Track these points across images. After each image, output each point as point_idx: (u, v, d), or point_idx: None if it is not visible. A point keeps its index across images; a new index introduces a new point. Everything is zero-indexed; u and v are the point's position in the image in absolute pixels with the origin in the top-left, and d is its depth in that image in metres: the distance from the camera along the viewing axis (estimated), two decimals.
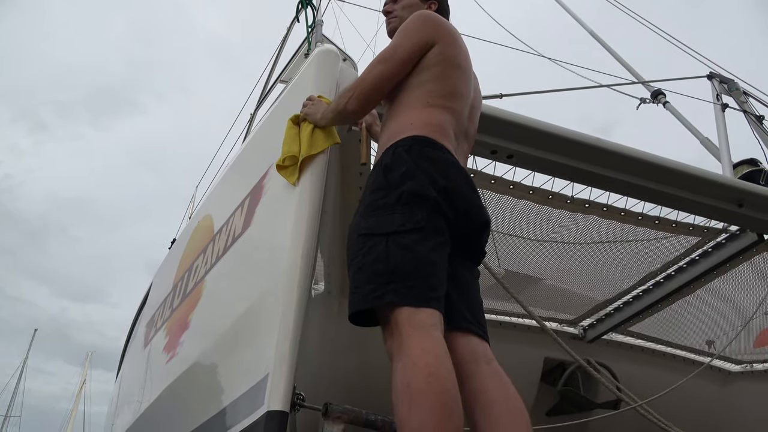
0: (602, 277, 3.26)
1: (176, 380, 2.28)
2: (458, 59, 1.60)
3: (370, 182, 1.43)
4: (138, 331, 3.60)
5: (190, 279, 2.51)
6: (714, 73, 3.13)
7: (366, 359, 3.12)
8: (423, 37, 1.57)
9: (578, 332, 3.75)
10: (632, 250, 2.95)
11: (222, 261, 2.16)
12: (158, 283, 3.33)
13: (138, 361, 3.30)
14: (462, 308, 1.35)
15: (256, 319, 1.72)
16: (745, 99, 3.05)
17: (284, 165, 1.74)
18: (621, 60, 3.66)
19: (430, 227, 1.29)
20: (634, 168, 2.35)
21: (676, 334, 3.85)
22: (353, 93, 1.59)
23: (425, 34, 1.57)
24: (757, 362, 4.12)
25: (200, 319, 2.24)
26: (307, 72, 1.99)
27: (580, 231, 2.83)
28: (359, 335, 3.27)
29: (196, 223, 2.76)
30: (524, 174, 2.47)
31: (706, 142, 3.02)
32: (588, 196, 2.59)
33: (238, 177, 2.41)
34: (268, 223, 1.87)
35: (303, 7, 2.73)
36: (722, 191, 2.41)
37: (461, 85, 1.58)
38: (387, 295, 1.20)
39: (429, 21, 1.62)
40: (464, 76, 1.61)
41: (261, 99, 3.00)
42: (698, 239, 2.85)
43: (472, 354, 1.30)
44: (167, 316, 2.72)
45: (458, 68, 1.59)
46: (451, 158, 1.43)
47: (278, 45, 3.06)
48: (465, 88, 1.60)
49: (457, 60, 1.59)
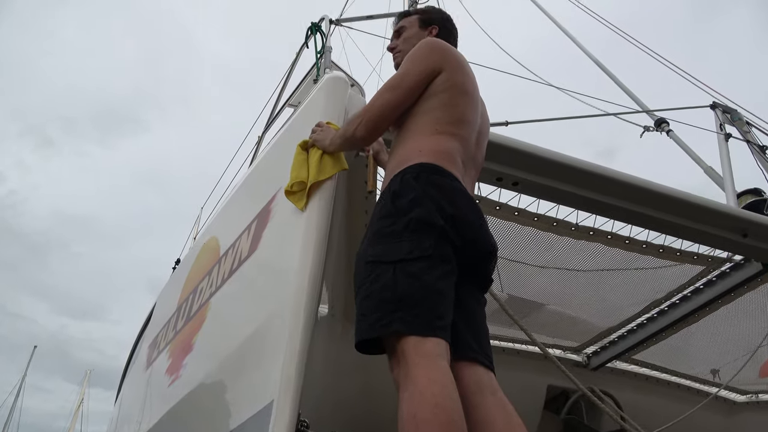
0: (606, 305, 3.25)
1: (178, 404, 2.27)
2: (465, 86, 1.61)
3: (378, 209, 1.44)
4: (140, 352, 3.58)
5: (194, 301, 2.51)
6: (717, 103, 3.16)
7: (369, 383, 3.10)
8: (430, 64, 1.59)
9: (582, 360, 3.73)
10: (636, 278, 2.95)
11: (228, 284, 2.16)
12: (162, 304, 3.33)
13: (139, 382, 3.28)
14: (468, 337, 1.35)
15: (262, 343, 1.71)
16: (748, 129, 3.07)
17: (293, 190, 1.76)
18: (625, 88, 3.70)
19: (438, 255, 1.29)
20: (638, 197, 2.36)
21: (681, 363, 3.82)
22: (361, 120, 1.61)
23: (432, 62, 1.60)
24: (763, 392, 4.08)
25: (204, 342, 2.24)
26: (317, 98, 2.02)
27: (584, 258, 2.83)
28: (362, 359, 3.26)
29: (202, 245, 2.77)
30: (529, 201, 2.48)
31: (709, 171, 3.04)
32: (592, 224, 2.59)
33: (244, 200, 2.42)
34: (275, 247, 1.87)
35: (312, 33, 2.78)
36: (727, 221, 2.42)
37: (469, 111, 1.60)
38: (394, 324, 1.20)
39: (436, 48, 1.64)
40: (472, 102, 1.62)
41: (269, 122, 3.04)
42: (703, 268, 2.84)
43: (478, 384, 1.29)
44: (171, 338, 2.71)
45: (465, 95, 1.60)
46: (458, 186, 1.43)
47: (287, 70, 3.12)
48: (472, 114, 1.62)
49: (464, 87, 1.61)
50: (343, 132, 1.70)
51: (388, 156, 1.63)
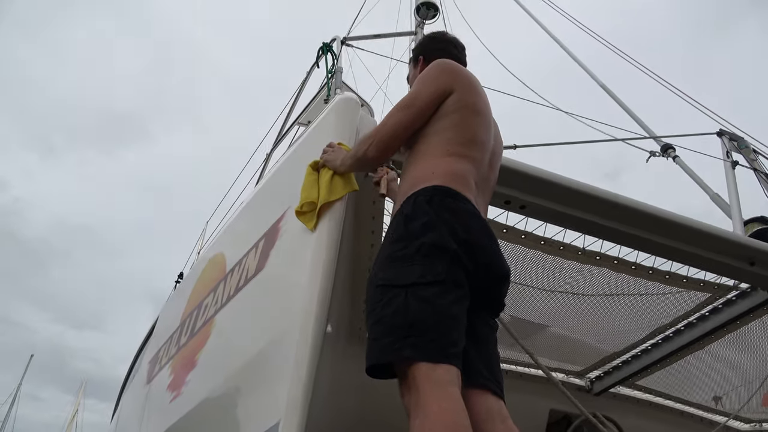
0: (611, 330, 3.24)
1: (179, 421, 2.26)
2: (477, 106, 1.61)
3: (390, 232, 1.43)
4: (141, 366, 3.57)
5: (199, 317, 2.51)
6: (724, 131, 3.18)
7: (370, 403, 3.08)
8: (441, 84, 1.60)
9: (585, 384, 3.70)
10: (642, 304, 2.93)
11: (234, 301, 2.16)
12: (165, 318, 3.32)
13: (139, 397, 3.26)
14: (479, 364, 1.34)
15: (268, 362, 1.71)
16: (754, 157, 3.08)
17: (303, 210, 1.76)
18: (632, 113, 3.72)
19: (451, 280, 1.28)
20: (645, 223, 2.36)
21: (685, 390, 3.79)
22: (373, 140, 1.61)
23: (443, 82, 1.60)
24: (767, 422, 4.05)
25: (208, 359, 2.23)
26: (327, 118, 2.03)
27: (590, 282, 2.82)
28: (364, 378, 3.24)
29: (207, 261, 2.77)
30: (536, 224, 2.48)
31: (716, 198, 3.04)
32: (599, 249, 2.59)
33: (252, 217, 2.43)
34: (283, 266, 1.87)
35: (323, 53, 2.81)
36: (734, 249, 2.42)
37: (481, 132, 1.59)
38: (405, 350, 1.19)
39: (447, 69, 1.65)
40: (484, 123, 1.62)
41: (277, 140, 3.06)
42: (709, 295, 2.83)
43: (489, 412, 1.28)
44: (173, 353, 2.70)
45: (478, 115, 1.60)
46: (471, 209, 1.43)
47: (297, 88, 3.14)
48: (485, 135, 1.61)
49: (476, 107, 1.60)
50: (355, 152, 1.70)
51: (400, 178, 1.62)
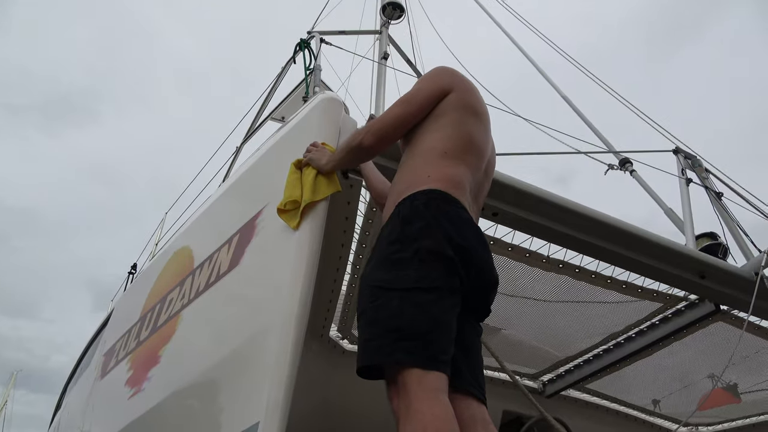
0: (566, 335, 3.35)
1: (141, 418, 2.20)
2: (476, 107, 1.63)
3: (386, 233, 1.42)
4: (92, 360, 3.44)
5: (162, 311, 2.44)
6: (680, 149, 3.34)
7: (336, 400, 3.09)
8: (439, 82, 1.63)
9: (538, 387, 3.82)
10: (598, 311, 3.05)
11: (203, 297, 2.11)
12: (122, 311, 3.22)
13: (90, 392, 3.14)
14: (464, 369, 1.36)
15: (243, 361, 1.68)
16: (706, 175, 3.25)
17: (285, 209, 1.75)
18: (593, 127, 3.85)
19: (446, 287, 1.29)
20: (607, 234, 2.46)
21: (629, 394, 3.97)
22: (370, 129, 1.62)
23: (442, 81, 1.64)
24: (702, 425, 4.29)
25: (173, 356, 2.18)
26: (310, 117, 2.01)
27: (551, 289, 2.91)
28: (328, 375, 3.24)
29: (172, 254, 2.70)
30: (505, 231, 2.55)
31: (670, 213, 3.19)
32: (563, 257, 2.68)
33: (225, 212, 2.38)
34: (261, 264, 1.85)
35: (301, 49, 2.79)
36: (687, 262, 2.55)
37: (478, 134, 1.60)
38: (396, 353, 1.20)
39: (447, 70, 1.70)
40: (481, 125, 1.63)
41: (248, 134, 3.01)
42: (660, 305, 2.98)
43: (472, 418, 1.31)
44: (132, 348, 2.63)
45: (475, 115, 1.61)
46: (466, 216, 1.44)
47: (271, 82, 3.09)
48: (482, 138, 1.62)
49: (474, 108, 1.62)
50: (348, 142, 1.69)
51: (395, 176, 1.61)
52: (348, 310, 2.99)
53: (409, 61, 5.67)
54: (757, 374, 3.53)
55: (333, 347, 3.15)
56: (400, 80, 7.54)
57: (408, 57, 5.75)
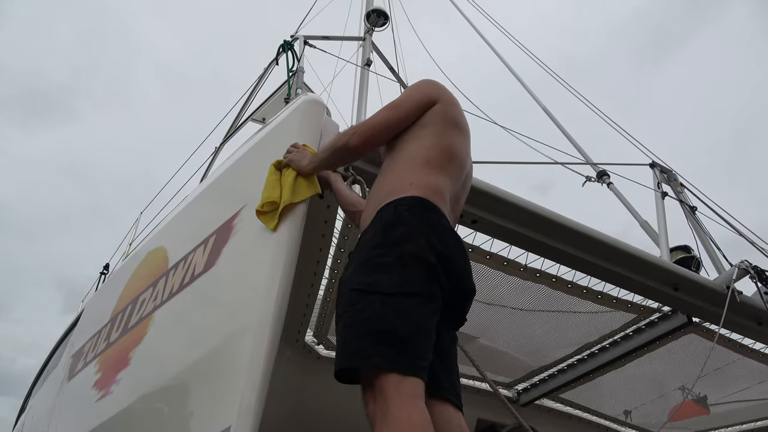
0: (541, 344, 3.36)
1: (109, 421, 2.14)
2: (458, 120, 1.65)
3: (368, 237, 1.41)
4: (60, 362, 3.35)
5: (133, 313, 2.39)
6: (656, 163, 3.39)
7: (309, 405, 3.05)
8: (427, 92, 1.65)
9: (512, 395, 3.82)
10: (573, 321, 3.08)
11: (176, 298, 2.07)
12: (92, 311, 3.14)
13: (57, 394, 3.06)
14: (441, 376, 1.35)
15: (217, 364, 1.65)
16: (681, 190, 3.31)
17: (264, 210, 1.73)
18: (571, 139, 3.90)
19: (427, 293, 1.28)
20: (585, 244, 2.48)
21: (601, 404, 4.00)
22: (357, 130, 1.63)
23: (429, 91, 1.66)
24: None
25: (144, 358, 2.13)
26: (292, 118, 2.00)
27: (528, 298, 2.93)
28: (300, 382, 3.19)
29: (146, 254, 2.65)
30: (484, 239, 2.55)
31: (645, 225, 3.24)
32: (540, 266, 2.70)
33: (201, 212, 2.35)
34: (237, 265, 1.82)
35: (284, 50, 2.77)
36: (662, 274, 2.58)
37: (460, 146, 1.62)
38: (374, 357, 1.18)
39: (433, 82, 1.72)
40: (463, 137, 1.65)
41: (228, 135, 2.97)
42: (634, 316, 3.01)
43: (448, 424, 1.30)
44: (101, 350, 2.56)
45: (458, 127, 1.63)
46: (447, 224, 1.44)
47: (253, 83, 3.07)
48: (463, 150, 1.64)
49: (456, 120, 1.64)
50: (333, 143, 1.69)
51: (376, 182, 1.61)
52: (324, 315, 2.96)
53: (391, 69, 5.70)
54: (727, 386, 3.59)
55: (308, 352, 3.11)
56: (383, 87, 7.55)
57: (391, 64, 5.78)
